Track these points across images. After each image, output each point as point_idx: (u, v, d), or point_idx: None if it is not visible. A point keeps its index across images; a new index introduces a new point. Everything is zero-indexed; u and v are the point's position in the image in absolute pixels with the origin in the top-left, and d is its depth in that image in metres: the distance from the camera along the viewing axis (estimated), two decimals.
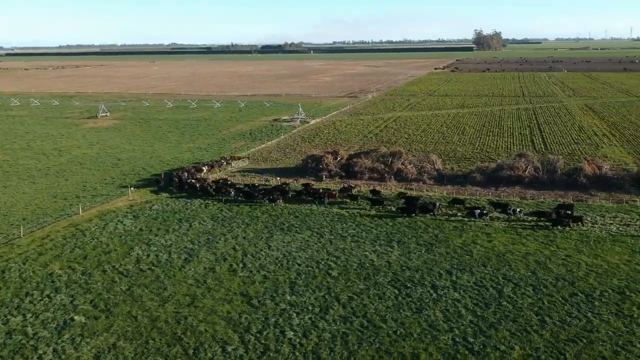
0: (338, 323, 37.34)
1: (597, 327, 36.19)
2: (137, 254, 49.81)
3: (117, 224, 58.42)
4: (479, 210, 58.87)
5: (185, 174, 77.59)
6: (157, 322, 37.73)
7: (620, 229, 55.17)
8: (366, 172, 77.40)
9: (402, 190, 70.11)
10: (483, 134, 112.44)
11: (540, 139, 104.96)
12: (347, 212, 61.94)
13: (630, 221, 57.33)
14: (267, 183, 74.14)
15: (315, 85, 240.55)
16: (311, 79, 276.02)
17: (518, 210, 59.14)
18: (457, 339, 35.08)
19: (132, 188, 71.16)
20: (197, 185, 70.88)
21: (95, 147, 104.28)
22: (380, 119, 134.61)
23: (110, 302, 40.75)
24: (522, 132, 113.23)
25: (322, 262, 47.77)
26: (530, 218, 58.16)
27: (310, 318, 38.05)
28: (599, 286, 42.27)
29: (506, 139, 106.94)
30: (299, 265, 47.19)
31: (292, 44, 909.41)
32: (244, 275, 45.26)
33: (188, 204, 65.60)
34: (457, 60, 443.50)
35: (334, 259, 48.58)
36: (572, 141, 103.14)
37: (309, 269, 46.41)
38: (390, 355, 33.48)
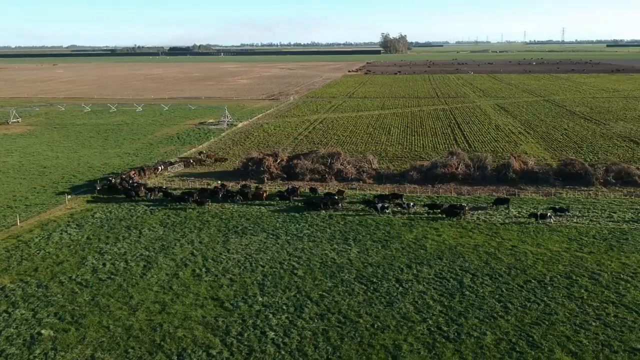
0: (316, 321, 38.10)
1: (555, 310, 39.10)
2: (92, 264, 48.23)
3: (61, 233, 56.16)
4: (380, 204, 61.31)
5: (120, 179, 75.41)
6: (131, 331, 36.96)
7: (554, 219, 59.27)
8: (307, 174, 78.44)
9: (342, 189, 71.47)
10: (408, 134, 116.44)
11: (462, 138, 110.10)
12: (299, 213, 62.55)
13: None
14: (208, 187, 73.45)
15: (233, 88, 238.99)
16: (228, 82, 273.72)
17: (412, 204, 62.33)
18: (432, 329, 36.81)
19: (69, 196, 68.38)
20: (140, 190, 69.22)
21: (14, 154, 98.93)
22: (307, 121, 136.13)
23: (77, 313, 39.43)
24: (445, 132, 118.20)
25: (285, 263, 48.29)
26: (424, 210, 61.78)
27: (287, 317, 38.58)
28: (547, 272, 45.53)
29: (431, 138, 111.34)
30: (263, 267, 47.49)
31: (200, 45, 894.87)
32: (210, 279, 45.02)
33: (132, 210, 63.97)
34: (367, 63, 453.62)
35: (296, 259, 49.23)
36: (492, 139, 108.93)
37: (274, 270, 46.82)
38: (373, 348, 34.67)
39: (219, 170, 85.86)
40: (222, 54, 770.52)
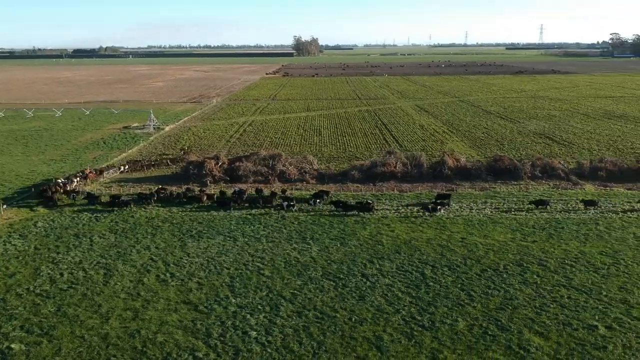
0: (294, 318, 38.84)
1: (515, 295, 41.96)
2: (48, 274, 46.48)
3: (5, 245, 53.57)
4: (286, 203, 63.88)
5: (57, 186, 72.63)
6: (109, 339, 36.23)
7: (494, 211, 63.03)
8: (250, 176, 78.66)
9: (284, 189, 72.25)
10: (339, 134, 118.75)
11: (392, 138, 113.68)
12: (251, 214, 62.84)
13: (498, 204, 65.69)
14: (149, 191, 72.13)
15: (150, 90, 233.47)
16: (143, 85, 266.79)
17: (318, 201, 64.86)
18: (407, 319, 38.55)
19: (4, 206, 65.05)
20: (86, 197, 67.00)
21: None
22: (236, 124, 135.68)
23: (45, 325, 38.06)
24: (374, 132, 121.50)
25: (250, 264, 48.61)
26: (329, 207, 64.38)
27: (265, 317, 39.07)
28: (500, 261, 48.58)
29: (362, 138, 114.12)
30: (228, 269, 47.60)
31: (107, 47, 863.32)
32: (177, 284, 44.66)
33: (76, 218, 61.84)
34: (283, 65, 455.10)
35: (259, 259, 49.66)
36: (419, 139, 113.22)
37: (240, 271, 47.05)
38: (356, 340, 35.92)
39: (156, 174, 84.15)
40: (130, 56, 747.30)
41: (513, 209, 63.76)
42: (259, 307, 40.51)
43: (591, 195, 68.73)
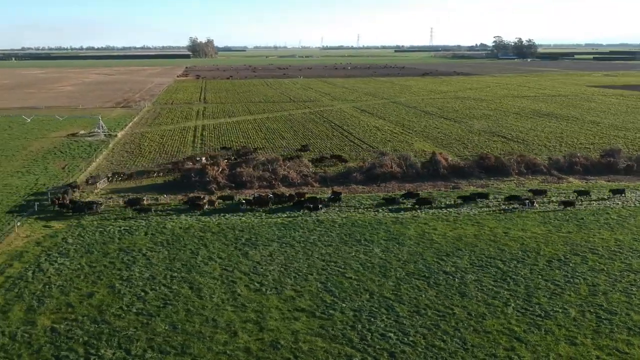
0: (417, 317, 40.02)
1: (595, 282, 45.60)
2: (130, 291, 44.31)
3: (52, 264, 50.12)
4: (312, 205, 65.68)
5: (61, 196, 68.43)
6: (254, 353, 35.67)
7: (508, 206, 67.14)
8: (255, 181, 77.98)
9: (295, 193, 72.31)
10: (301, 137, 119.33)
11: (358, 140, 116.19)
12: (285, 220, 62.69)
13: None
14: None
15: (62, 95, 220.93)
16: (51, 89, 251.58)
17: (334, 203, 67.40)
18: (520, 310, 40.89)
19: (18, 223, 60.39)
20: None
21: None
22: (188, 128, 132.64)
23: (174, 344, 36.78)
24: (335, 134, 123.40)
25: (328, 268, 49.02)
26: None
27: (388, 318, 39.95)
28: (556, 252, 52.33)
29: (329, 141, 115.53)
30: (310, 274, 47.77)
31: None
32: (273, 292, 44.32)
33: (103, 232, 58.79)
34: (187, 67, 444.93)
35: (333, 263, 50.20)
36: (384, 139, 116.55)
37: (324, 276, 47.39)
38: (492, 334, 37.76)
39: (148, 183, 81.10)
40: (13, 58, 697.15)
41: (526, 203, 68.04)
42: (374, 309, 41.20)
43: (581, 188, 74.87)
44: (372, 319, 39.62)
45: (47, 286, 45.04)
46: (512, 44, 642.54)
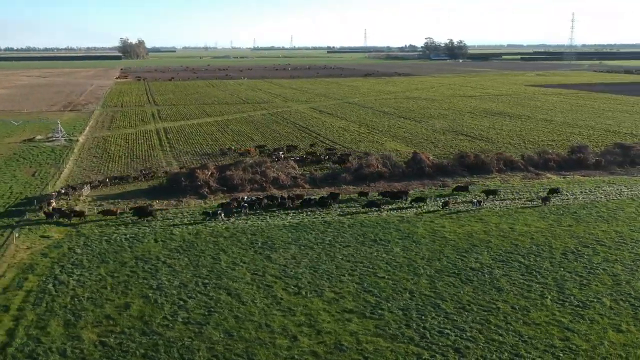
0: (465, 314, 40.96)
1: (614, 272, 48.03)
2: (167, 300, 43.11)
3: (70, 275, 48.12)
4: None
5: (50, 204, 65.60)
6: (323, 356, 35.58)
7: (503, 203, 69.59)
8: (246, 184, 77.17)
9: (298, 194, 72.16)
10: (271, 139, 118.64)
11: (328, 140, 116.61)
12: (293, 222, 62.49)
13: (499, 197, 72.33)
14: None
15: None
16: None
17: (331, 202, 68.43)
18: (558, 302, 42.63)
19: (16, 234, 57.37)
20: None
21: None
22: (150, 131, 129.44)
23: (250, 352, 36.04)
24: (304, 135, 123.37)
25: (357, 269, 49.28)
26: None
27: (439, 315, 40.77)
28: (566, 245, 54.66)
29: (305, 142, 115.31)
30: (343, 275, 47.89)
31: None
32: (313, 295, 44.21)
33: (110, 240, 56.78)
34: (122, 69, 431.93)
35: (360, 264, 50.55)
36: (354, 139, 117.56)
37: (357, 277, 47.67)
38: (546, 325, 39.19)
39: (131, 189, 78.71)
40: None
41: (517, 199, 70.59)
42: (420, 307, 41.90)
43: (556, 184, 78.34)
44: (423, 317, 40.20)
45: (75, 299, 43.12)
46: (443, 45, 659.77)
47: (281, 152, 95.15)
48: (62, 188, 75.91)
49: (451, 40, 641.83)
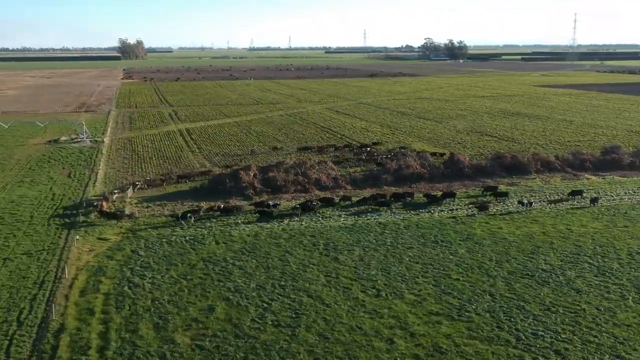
0: (553, 316, 40.95)
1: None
2: (260, 304, 42.92)
3: (142, 279, 47.78)
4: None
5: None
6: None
7: (550, 204, 69.66)
8: (290, 186, 77.01)
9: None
10: (295, 139, 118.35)
11: (356, 141, 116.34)
12: (344, 224, 62.36)
13: (543, 197, 72.44)
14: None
15: (9, 100, 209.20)
16: None
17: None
18: None
19: (77, 237, 57.07)
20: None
21: None
22: (172, 132, 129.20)
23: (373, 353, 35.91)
24: (327, 136, 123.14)
25: (429, 270, 49.21)
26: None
27: (534, 318, 40.69)
28: (629, 245, 54.82)
29: (332, 142, 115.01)
30: (417, 277, 47.76)
31: None
32: (393, 297, 44.06)
33: (172, 242, 56.54)
34: (124, 69, 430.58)
35: (429, 265, 50.41)
36: (381, 141, 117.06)
37: (431, 278, 47.50)
38: None
39: (171, 191, 78.39)
40: None
41: (562, 201, 70.72)
42: (506, 309, 41.85)
43: (596, 185, 78.40)
44: (512, 319, 40.14)
45: (156, 302, 42.91)
46: (443, 45, 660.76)
47: (368, 149, 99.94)
48: (115, 189, 75.41)
49: (451, 40, 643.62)
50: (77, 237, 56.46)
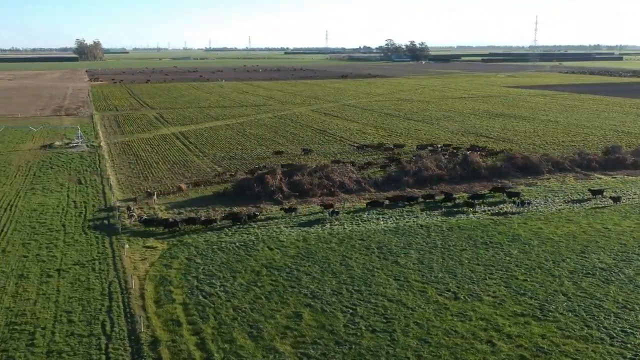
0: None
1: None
2: (344, 308, 42.91)
3: (211, 287, 47.17)
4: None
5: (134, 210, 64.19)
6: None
7: (570, 203, 71.73)
8: (316, 189, 76.99)
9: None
10: (294, 141, 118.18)
11: (357, 143, 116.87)
12: (387, 227, 62.79)
13: (565, 197, 74.48)
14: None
15: None
16: None
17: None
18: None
19: (126, 246, 55.80)
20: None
21: None
22: (168, 136, 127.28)
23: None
24: (326, 138, 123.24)
25: (495, 271, 50.08)
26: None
27: (616, 316, 41.92)
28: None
29: (334, 145, 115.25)
30: (485, 279, 48.59)
31: None
32: (469, 300, 44.73)
33: (219, 251, 55.88)
34: (87, 71, 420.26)
35: (492, 268, 51.25)
36: (383, 142, 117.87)
37: (500, 280, 48.38)
38: None
39: (194, 197, 77.39)
40: None
41: (583, 200, 72.88)
42: (585, 308, 42.91)
43: (611, 184, 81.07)
44: (596, 318, 41.27)
45: (239, 310, 42.47)
46: (404, 46, 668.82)
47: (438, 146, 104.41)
48: (150, 194, 73.92)
49: (412, 41, 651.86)
50: (127, 246, 55.03)
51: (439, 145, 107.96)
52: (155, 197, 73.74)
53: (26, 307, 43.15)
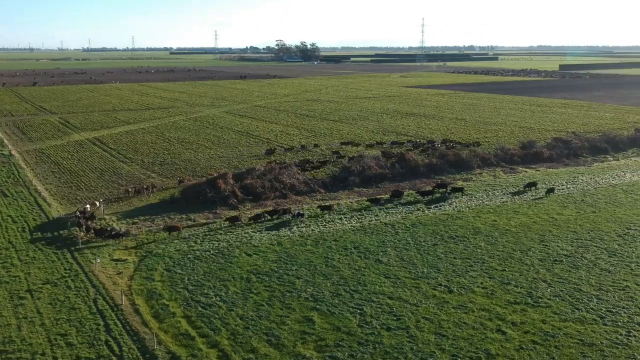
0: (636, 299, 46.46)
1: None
2: (352, 309, 43.48)
3: (205, 297, 46.07)
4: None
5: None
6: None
7: (514, 196, 76.89)
8: (269, 192, 76.71)
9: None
10: (226, 145, 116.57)
11: (283, 145, 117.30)
12: (358, 225, 64.03)
13: (503, 191, 79.67)
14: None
15: None
16: None
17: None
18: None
19: (98, 260, 52.74)
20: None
21: None
22: (83, 142, 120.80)
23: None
24: (253, 140, 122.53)
25: (486, 265, 52.81)
26: None
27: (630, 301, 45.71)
28: (611, 229, 62.78)
29: (258, 146, 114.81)
30: (502, 277, 51.16)
31: None
32: (496, 296, 46.98)
33: (189, 256, 54.58)
34: None
35: (469, 259, 54.02)
36: (312, 143, 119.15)
37: (516, 275, 51.17)
38: None
39: (142, 204, 74.55)
40: None
41: (520, 192, 78.27)
42: (568, 293, 46.43)
43: (538, 177, 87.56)
44: (581, 301, 44.66)
45: (245, 319, 41.80)
46: (295, 47, 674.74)
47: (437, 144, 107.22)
48: (94, 204, 69.64)
49: (303, 42, 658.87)
50: (98, 259, 51.95)
51: (412, 142, 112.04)
52: (102, 207, 69.79)
53: (11, 333, 39.65)
